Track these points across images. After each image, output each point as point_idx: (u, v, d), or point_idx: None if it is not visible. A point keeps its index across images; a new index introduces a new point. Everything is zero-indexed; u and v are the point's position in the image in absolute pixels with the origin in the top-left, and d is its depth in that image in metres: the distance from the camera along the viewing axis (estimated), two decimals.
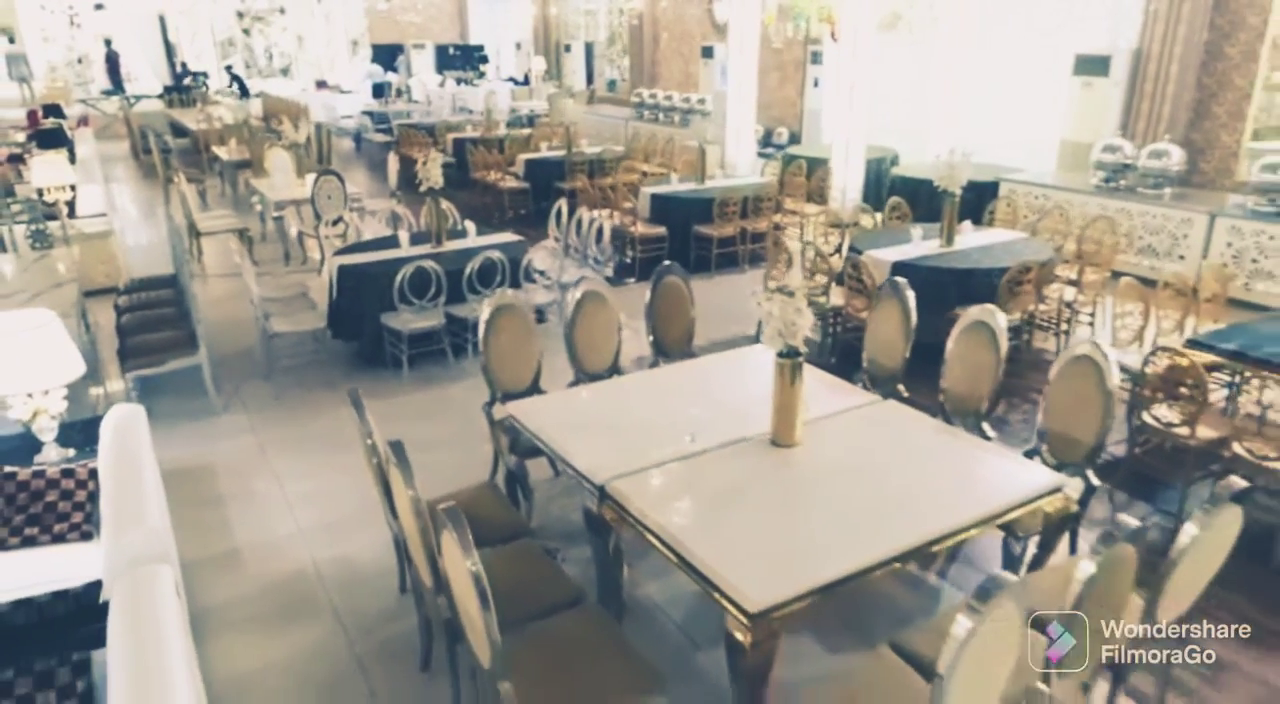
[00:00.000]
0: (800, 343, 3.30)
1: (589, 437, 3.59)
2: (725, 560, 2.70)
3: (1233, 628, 2.91)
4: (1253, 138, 9.14)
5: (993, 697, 2.31)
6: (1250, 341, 4.45)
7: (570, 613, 3.00)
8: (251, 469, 4.88)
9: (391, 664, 3.38)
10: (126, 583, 2.49)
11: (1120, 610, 2.55)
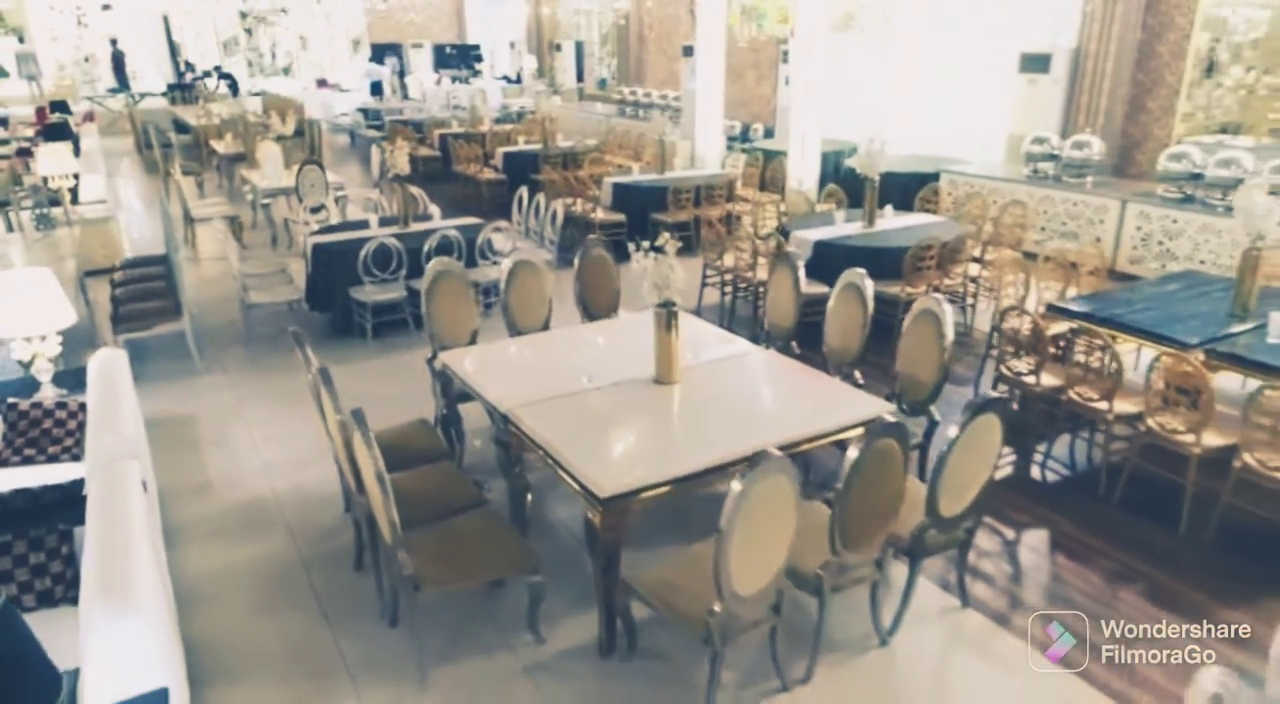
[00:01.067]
0: (675, 295, 3.93)
1: (504, 377, 4.22)
2: (588, 461, 3.32)
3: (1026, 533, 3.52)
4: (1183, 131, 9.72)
5: (777, 560, 2.93)
6: (1100, 307, 5.05)
7: (471, 513, 3.62)
8: (226, 418, 5.53)
9: (330, 566, 4.01)
10: (101, 474, 3.12)
11: (897, 496, 3.16)
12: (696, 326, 4.90)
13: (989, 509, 4.43)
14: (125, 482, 3.06)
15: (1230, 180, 7.50)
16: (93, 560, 2.61)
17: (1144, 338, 4.67)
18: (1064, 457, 4.95)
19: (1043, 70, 10.60)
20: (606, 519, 3.17)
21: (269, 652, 3.49)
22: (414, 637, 3.32)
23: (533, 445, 3.60)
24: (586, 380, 4.12)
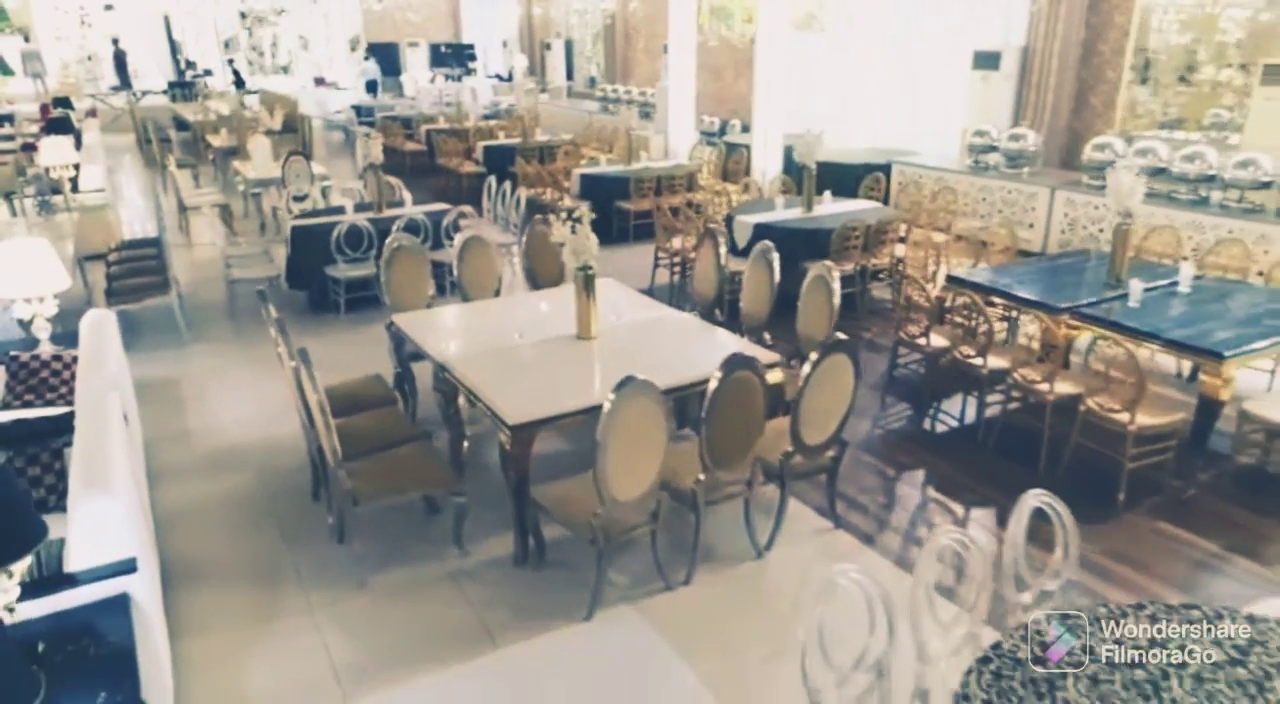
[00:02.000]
0: (591, 260, 4.50)
1: (446, 335, 4.80)
2: (504, 397, 3.89)
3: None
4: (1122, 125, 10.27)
5: (650, 472, 3.50)
6: (991, 279, 5.62)
7: (409, 445, 4.20)
8: (208, 381, 6.12)
9: (291, 498, 4.59)
10: (87, 404, 3.70)
11: (757, 421, 3.73)
12: (627, 294, 5.48)
13: (879, 454, 5.02)
14: (107, 408, 3.63)
15: (1147, 169, 8.05)
16: (78, 464, 3.19)
17: (1021, 304, 5.23)
18: (954, 411, 5.51)
19: (994, 67, 11.15)
20: (515, 442, 3.74)
21: (233, 563, 4.07)
22: (356, 549, 3.89)
23: (463, 388, 4.18)
24: (518, 337, 4.70)
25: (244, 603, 3.79)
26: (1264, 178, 7.25)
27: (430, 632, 3.58)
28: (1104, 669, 2.26)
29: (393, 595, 3.81)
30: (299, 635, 3.57)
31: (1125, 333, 4.64)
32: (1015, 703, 2.15)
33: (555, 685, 3.30)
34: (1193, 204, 7.69)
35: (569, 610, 3.68)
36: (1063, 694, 2.18)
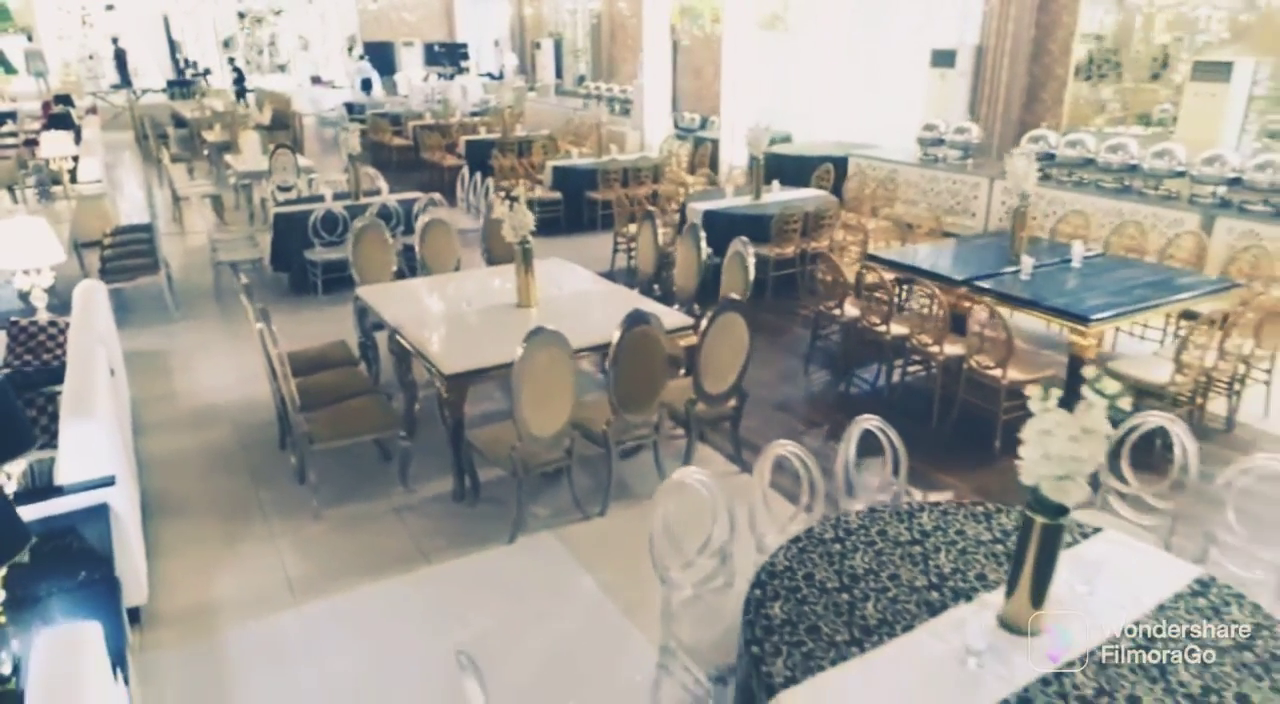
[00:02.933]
0: (528, 234, 5.04)
1: (403, 304, 5.34)
2: (442, 351, 4.44)
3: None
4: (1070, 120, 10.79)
5: (561, 412, 4.04)
6: (904, 257, 6.15)
7: (362, 397, 4.75)
8: (193, 352, 6.67)
9: (261, 447, 5.14)
10: (77, 355, 4.25)
11: (659, 370, 4.27)
12: (571, 270, 6.02)
13: (795, 413, 5.57)
14: (94, 359, 4.18)
15: (1077, 160, 8.58)
16: (68, 401, 3.73)
17: (927, 278, 5.76)
18: (869, 376, 6.05)
19: (950, 65, 11.67)
20: (450, 390, 4.28)
21: (207, 499, 4.63)
22: (315, 489, 4.45)
23: (410, 346, 4.72)
24: (465, 305, 5.24)
25: (214, 531, 4.34)
26: (1178, 167, 7.78)
27: (374, 554, 4.12)
28: (889, 546, 2.80)
29: (344, 525, 4.36)
30: (260, 556, 4.12)
31: (1008, 302, 5.18)
32: (810, 566, 2.69)
33: (477, 594, 3.85)
34: (1117, 192, 8.21)
35: (497, 537, 4.22)
36: (849, 562, 2.72)
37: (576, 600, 3.81)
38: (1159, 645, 2.35)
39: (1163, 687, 2.20)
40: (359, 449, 4.91)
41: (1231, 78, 8.78)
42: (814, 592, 2.58)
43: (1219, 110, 8.88)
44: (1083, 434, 2.18)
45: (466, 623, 3.61)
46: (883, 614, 2.48)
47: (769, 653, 2.32)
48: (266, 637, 3.58)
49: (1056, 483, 2.23)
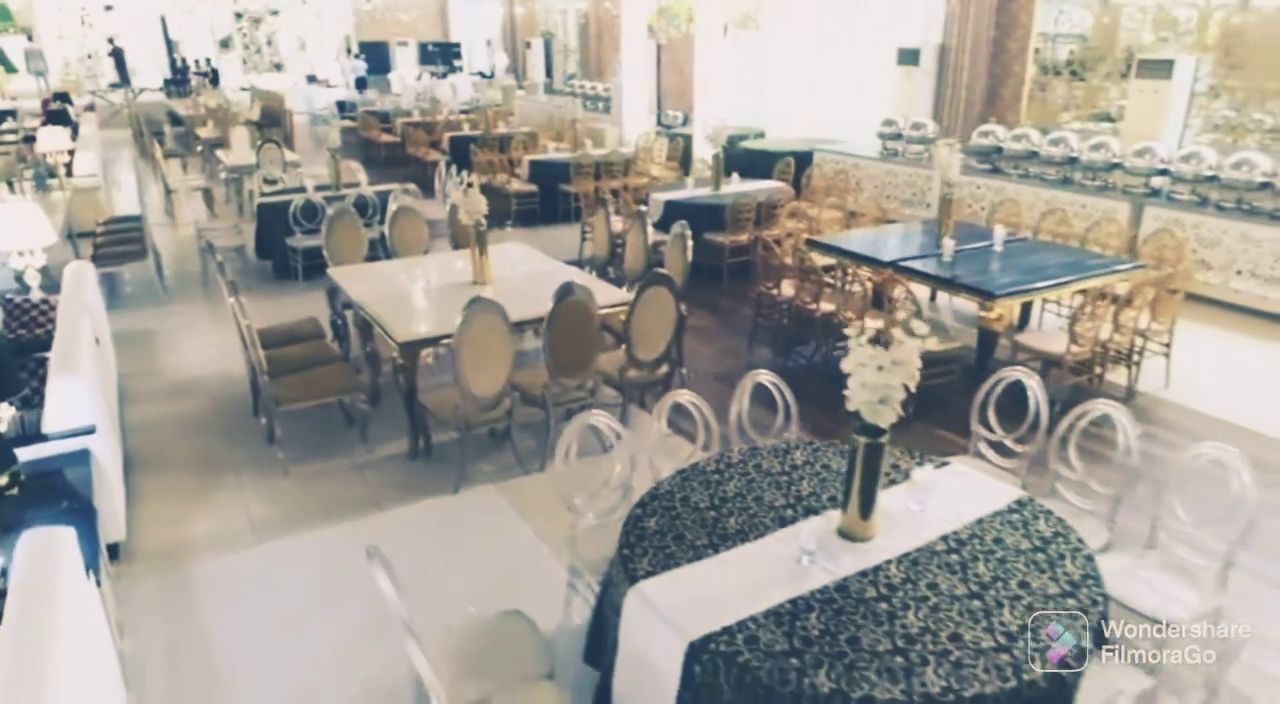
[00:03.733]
0: (481, 218, 5.47)
1: (367, 283, 5.77)
2: (395, 320, 4.88)
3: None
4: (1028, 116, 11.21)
5: (500, 375, 4.48)
6: (840, 242, 6.59)
7: (327, 365, 5.18)
8: (178, 331, 7.11)
9: (236, 414, 5.58)
10: (64, 324, 4.69)
11: (591, 337, 4.70)
12: (527, 253, 6.45)
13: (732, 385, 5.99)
14: (79, 326, 4.62)
15: (1022, 153, 9.01)
16: (55, 360, 4.18)
17: (859, 260, 6.19)
18: (807, 352, 6.49)
19: (915, 63, 12.10)
20: (403, 356, 4.72)
21: (183, 456, 5.07)
22: (283, 448, 4.89)
23: (370, 318, 5.15)
24: (424, 283, 5.68)
25: (189, 483, 4.78)
26: (1114, 160, 8.20)
27: (331, 503, 4.56)
28: (761, 476, 3.24)
29: (306, 478, 4.80)
30: (228, 505, 4.56)
31: (927, 280, 5.61)
32: (688, 491, 3.13)
33: (423, 538, 4.28)
34: (1058, 183, 8.64)
35: (444, 489, 4.66)
36: (723, 488, 3.15)
37: (510, 541, 4.24)
38: (967, 548, 2.79)
39: (959, 576, 2.64)
40: (325, 415, 5.36)
41: (1173, 75, 9.21)
42: (687, 510, 3.02)
43: (1162, 106, 9.32)
44: (891, 365, 2.62)
45: (409, 557, 4.04)
46: (741, 527, 2.92)
47: (637, 554, 2.76)
48: (230, 570, 4.02)
49: (873, 407, 2.66)
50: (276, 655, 3.48)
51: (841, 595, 2.57)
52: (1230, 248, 7.21)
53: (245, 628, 3.65)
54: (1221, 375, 6.12)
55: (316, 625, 3.64)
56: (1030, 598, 2.54)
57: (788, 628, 2.42)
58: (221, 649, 3.53)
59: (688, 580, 2.65)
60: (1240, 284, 7.14)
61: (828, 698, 2.20)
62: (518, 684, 2.64)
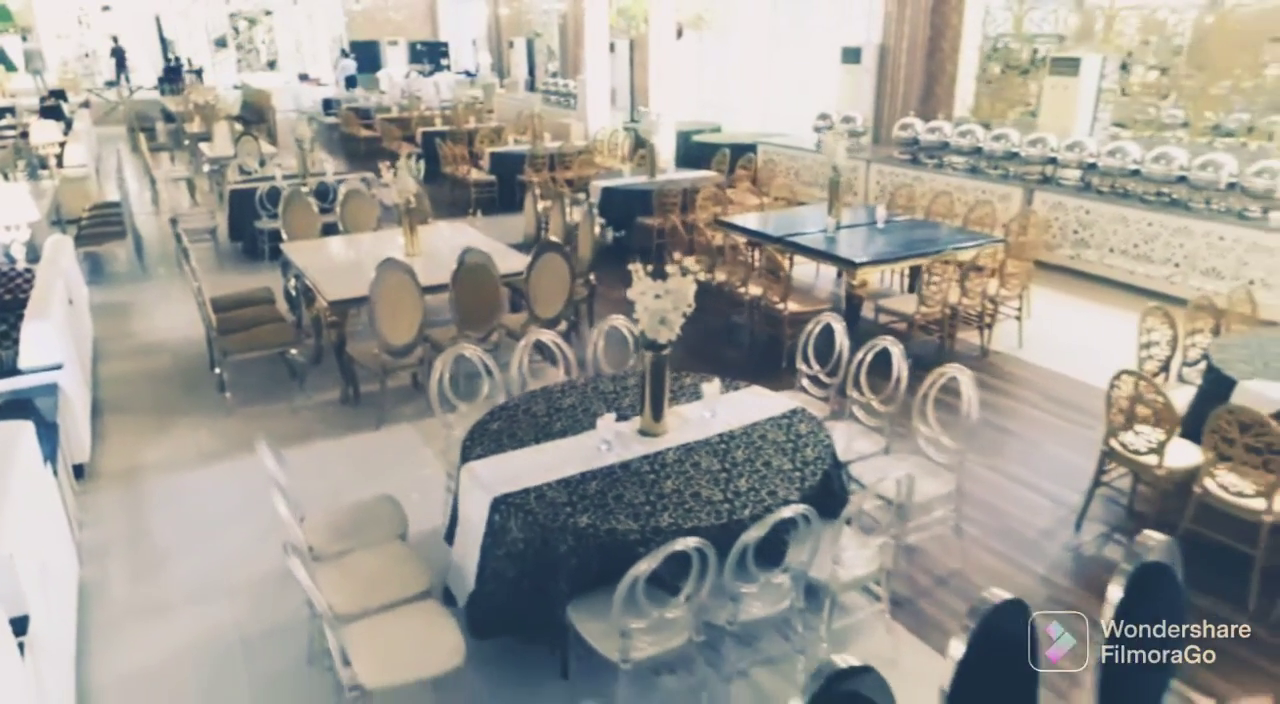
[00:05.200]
0: (410, 196, 6.23)
1: (313, 255, 6.54)
2: (328, 283, 5.64)
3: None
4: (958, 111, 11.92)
5: (410, 327, 5.23)
6: (743, 222, 7.33)
7: (270, 324, 5.95)
8: (152, 303, 7.89)
9: (195, 370, 6.34)
10: (41, 283, 5.45)
11: (493, 296, 5.46)
12: (461, 231, 7.21)
13: None
14: (53, 285, 5.39)
15: (936, 144, 9.75)
16: (30, 310, 4.94)
17: (754, 236, 6.94)
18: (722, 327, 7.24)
19: (857, 62, 12.83)
20: (333, 313, 5.48)
21: (147, 401, 5.83)
22: (233, 396, 5.66)
23: (310, 284, 5.91)
24: (358, 254, 6.44)
25: (149, 422, 5.54)
26: (1012, 149, 8.94)
27: (269, 436, 5.24)
28: (596, 394, 3.99)
29: (249, 418, 5.56)
30: (181, 438, 5.33)
31: (805, 252, 6.36)
32: (531, 404, 3.88)
33: (344, 464, 5.04)
34: (968, 171, 9.38)
35: (368, 427, 5.42)
36: (561, 402, 3.90)
37: (416, 465, 5.00)
38: (734, 440, 3.54)
39: (718, 458, 3.40)
40: (271, 369, 6.12)
41: (1080, 71, 9.95)
42: (526, 417, 3.78)
43: (1072, 100, 10.06)
44: (665, 293, 3.37)
45: (330, 478, 4.81)
46: (564, 428, 3.68)
47: (474, 445, 3.52)
48: (177, 485, 4.79)
49: (655, 327, 3.42)
50: (208, 543, 4.25)
51: (622, 470, 3.32)
52: (1104, 228, 7.96)
53: (185, 525, 4.41)
54: (1077, 338, 6.85)
55: (243, 523, 4.40)
56: (766, 471, 3.30)
57: (570, 490, 3.18)
58: (163, 539, 4.30)
59: (508, 461, 3.41)
60: (1113, 260, 7.88)
61: (583, 530, 2.96)
62: (375, 543, 3.40)
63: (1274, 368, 4.15)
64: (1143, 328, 4.69)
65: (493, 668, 3.36)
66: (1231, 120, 8.26)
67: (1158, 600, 2.25)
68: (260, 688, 3.34)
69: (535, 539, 3.04)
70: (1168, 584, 2.26)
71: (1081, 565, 4.11)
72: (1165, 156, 7.61)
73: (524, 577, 3.09)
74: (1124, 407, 3.93)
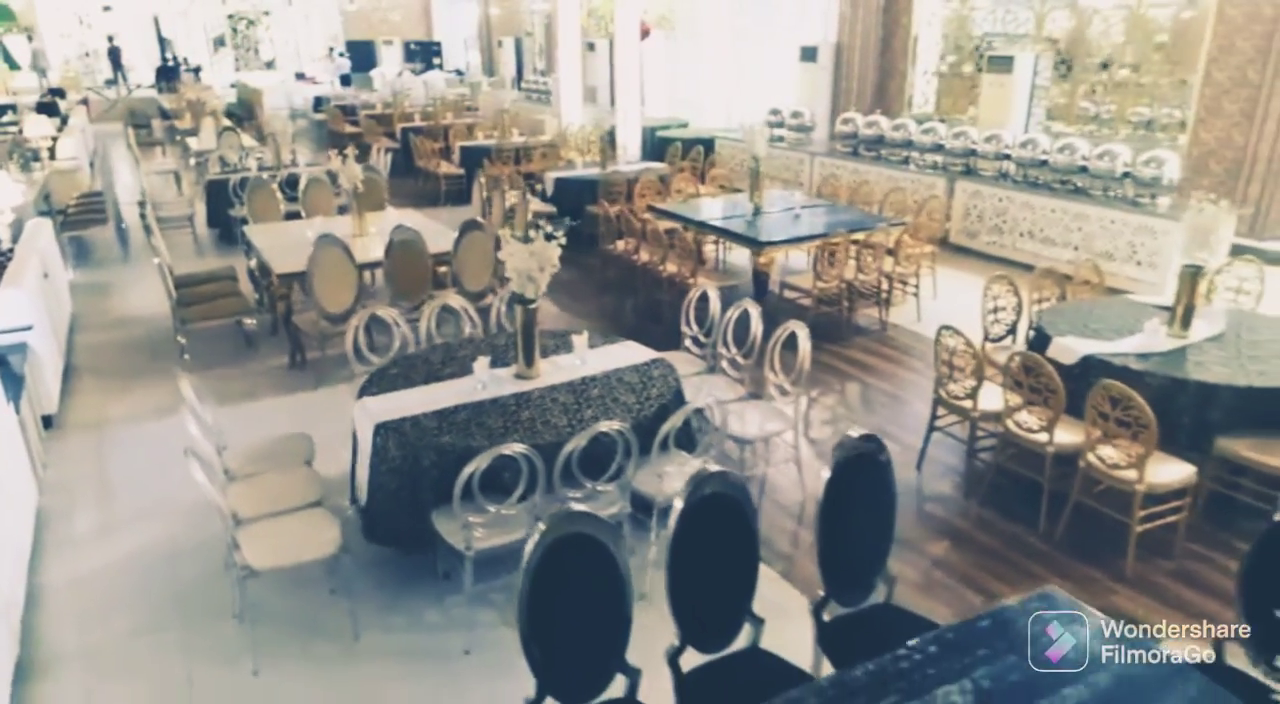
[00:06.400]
0: (358, 183, 6.83)
1: (271, 238, 7.14)
2: (278, 259, 6.24)
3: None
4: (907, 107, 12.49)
5: (347, 296, 5.84)
6: (674, 209, 7.92)
7: (229, 298, 6.56)
8: (131, 283, 8.52)
9: (163, 339, 6.94)
10: (17, 259, 6.07)
11: (424, 270, 6.05)
12: (410, 217, 7.80)
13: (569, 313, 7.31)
14: (29, 260, 6.01)
15: (872, 137, 10.31)
16: (5, 280, 5.56)
17: (679, 220, 7.52)
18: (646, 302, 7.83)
19: (814, 60, 13.40)
20: (280, 285, 6.09)
21: (115, 366, 6.45)
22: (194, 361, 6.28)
23: (260, 257, 6.52)
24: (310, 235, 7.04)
25: (115, 384, 6.16)
26: (939, 141, 9.51)
27: (223, 395, 5.91)
28: (486, 346, 4.58)
29: (207, 379, 6.12)
30: (142, 397, 5.94)
31: (720, 234, 6.94)
32: (430, 355, 4.47)
33: (283, 416, 5.63)
34: (901, 163, 9.95)
35: (310, 388, 6.03)
36: (456, 354, 4.49)
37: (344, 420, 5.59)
38: (596, 382, 4.13)
39: (576, 395, 3.99)
40: (232, 339, 6.73)
41: (1014, 69, 10.51)
42: (421, 363, 4.38)
43: (1007, 97, 10.62)
44: (529, 255, 3.96)
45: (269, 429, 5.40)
46: (453, 372, 4.27)
47: (371, 385, 4.12)
48: (136, 434, 5.40)
49: (523, 283, 4.01)
50: (155, 479, 4.85)
51: (491, 404, 3.92)
52: (1015, 214, 8.52)
53: (136, 466, 5.03)
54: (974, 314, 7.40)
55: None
56: (612, 405, 3.90)
57: (442, 418, 3.78)
58: (116, 476, 4.92)
59: (396, 398, 4.01)
60: (1023, 244, 8.44)
61: (444, 446, 3.55)
62: (283, 467, 4.00)
63: (1088, 328, 4.73)
64: (989, 295, 5.27)
65: (385, 567, 3.97)
66: (1149, 115, 8.85)
67: (862, 480, 2.84)
68: (181, 587, 3.94)
69: (408, 456, 3.64)
70: (871, 466, 2.85)
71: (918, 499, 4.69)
72: (1069, 147, 8.16)
73: (402, 488, 3.68)
74: (945, 359, 4.51)
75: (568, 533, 2.40)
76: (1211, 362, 4.30)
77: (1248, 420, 4.07)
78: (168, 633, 3.67)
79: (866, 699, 2.18)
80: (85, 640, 3.65)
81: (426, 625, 3.68)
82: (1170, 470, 3.82)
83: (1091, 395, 3.84)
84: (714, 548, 2.66)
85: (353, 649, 3.54)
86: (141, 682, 3.42)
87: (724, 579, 2.72)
